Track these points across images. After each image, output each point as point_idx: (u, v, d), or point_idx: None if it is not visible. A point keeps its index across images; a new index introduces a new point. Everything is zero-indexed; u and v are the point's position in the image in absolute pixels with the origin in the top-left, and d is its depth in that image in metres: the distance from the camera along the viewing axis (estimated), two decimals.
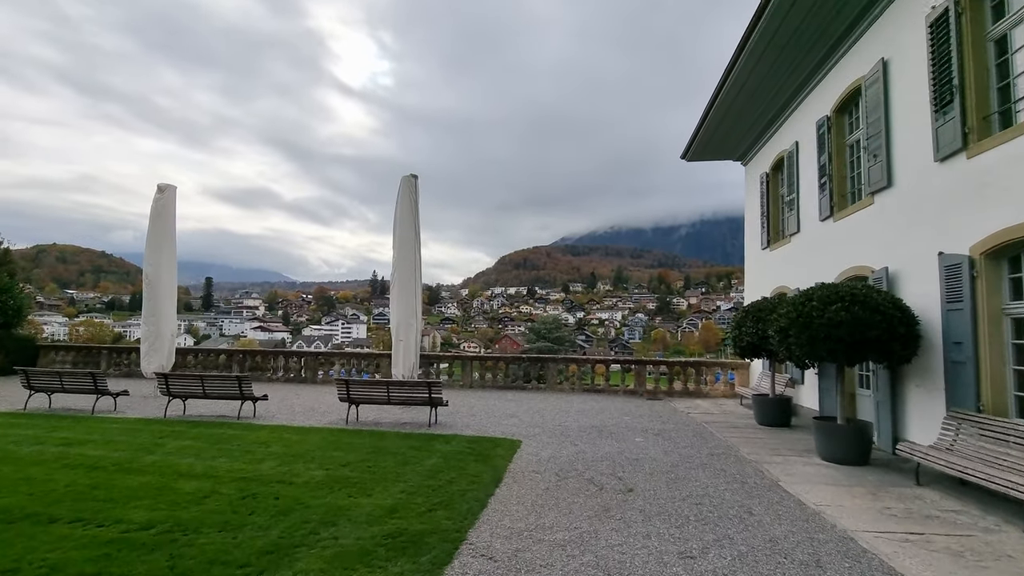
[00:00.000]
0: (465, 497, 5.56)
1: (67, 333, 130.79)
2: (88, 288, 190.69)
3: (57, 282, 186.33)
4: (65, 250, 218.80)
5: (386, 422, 10.20)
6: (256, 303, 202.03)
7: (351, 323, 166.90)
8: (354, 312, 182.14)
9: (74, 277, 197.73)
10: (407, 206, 12.70)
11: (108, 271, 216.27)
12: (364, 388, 9.92)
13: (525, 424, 10.32)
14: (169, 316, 14.16)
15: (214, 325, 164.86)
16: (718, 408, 13.33)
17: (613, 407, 13.01)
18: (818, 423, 8.10)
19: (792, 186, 12.34)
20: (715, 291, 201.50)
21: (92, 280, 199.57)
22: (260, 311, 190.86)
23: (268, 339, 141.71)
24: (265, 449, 7.48)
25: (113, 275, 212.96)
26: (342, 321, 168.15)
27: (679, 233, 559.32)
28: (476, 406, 12.69)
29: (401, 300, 12.55)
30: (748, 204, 16.06)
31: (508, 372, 16.63)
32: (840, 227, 10.14)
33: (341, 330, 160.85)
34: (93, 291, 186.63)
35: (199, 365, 18.38)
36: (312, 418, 10.48)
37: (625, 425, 10.46)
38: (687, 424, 10.79)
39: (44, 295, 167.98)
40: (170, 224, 14.38)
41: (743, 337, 10.91)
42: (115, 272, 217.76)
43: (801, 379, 11.88)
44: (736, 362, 16.06)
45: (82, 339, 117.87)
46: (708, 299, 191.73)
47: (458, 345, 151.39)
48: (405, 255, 12.59)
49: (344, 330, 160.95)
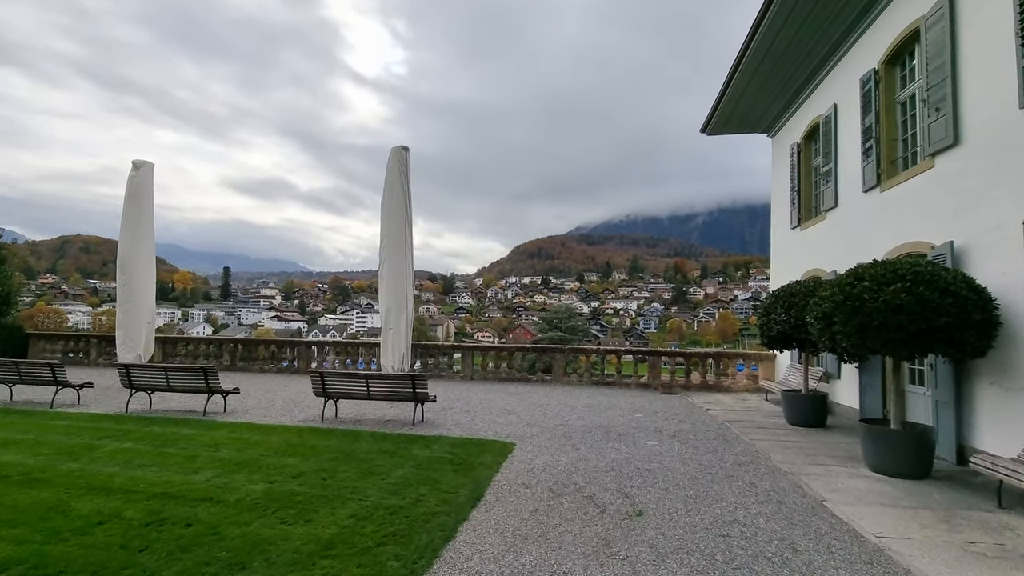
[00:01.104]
0: (429, 524, 4.41)
1: (91, 322, 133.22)
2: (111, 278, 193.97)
3: (81, 272, 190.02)
4: (89, 241, 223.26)
5: (368, 419, 9.11)
6: (273, 292, 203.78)
7: (366, 312, 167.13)
8: (369, 301, 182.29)
9: (97, 267, 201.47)
10: (397, 180, 11.50)
11: None
12: (341, 382, 8.82)
13: (523, 422, 9.15)
14: (146, 303, 13.19)
15: (232, 314, 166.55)
16: (740, 404, 12.02)
17: (624, 402, 11.78)
18: (867, 428, 6.78)
19: (829, 155, 10.88)
20: (733, 280, 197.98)
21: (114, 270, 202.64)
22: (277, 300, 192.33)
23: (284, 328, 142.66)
24: (211, 454, 6.41)
25: None
26: (357, 310, 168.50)
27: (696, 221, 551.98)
28: (473, 400, 11.55)
29: (391, 283, 11.40)
30: (776, 179, 14.59)
31: (512, 363, 15.46)
32: (889, 198, 8.73)
33: (356, 319, 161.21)
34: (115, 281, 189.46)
35: (188, 355, 17.54)
36: (287, 414, 9.44)
37: (636, 424, 9.23)
38: (707, 424, 9.53)
39: (68, 285, 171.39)
40: (147, 204, 13.38)
41: (772, 326, 9.57)
42: None
43: (837, 373, 10.52)
44: (760, 353, 14.69)
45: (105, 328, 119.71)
46: (725, 288, 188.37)
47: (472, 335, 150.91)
48: (395, 233, 11.42)
49: (359, 319, 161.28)
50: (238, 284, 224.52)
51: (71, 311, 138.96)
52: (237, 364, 16.92)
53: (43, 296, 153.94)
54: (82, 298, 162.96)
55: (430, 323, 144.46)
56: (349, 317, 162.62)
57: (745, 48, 11.26)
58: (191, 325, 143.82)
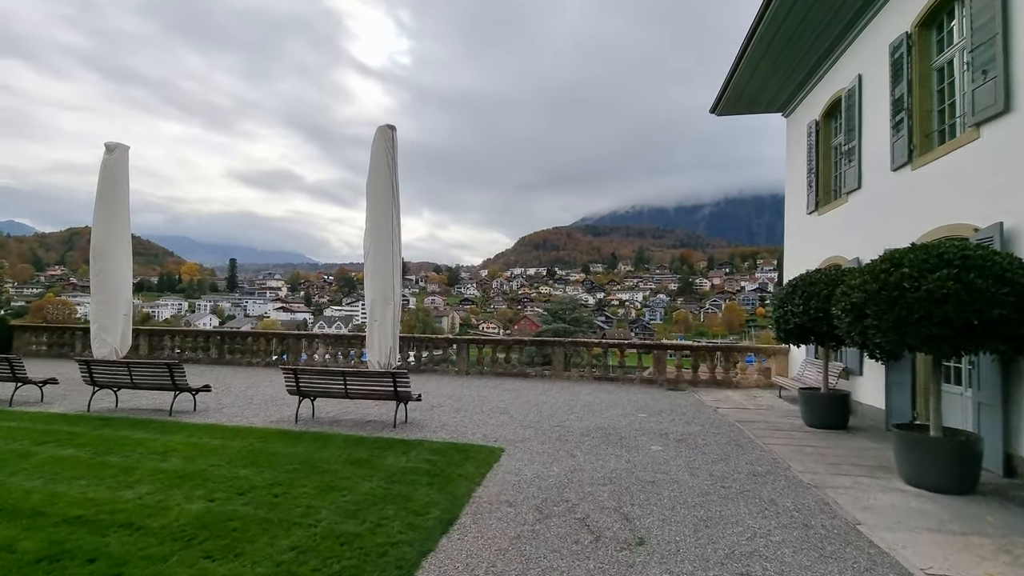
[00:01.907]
0: (385, 559, 3.65)
1: None
2: None
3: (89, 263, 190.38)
4: None
5: (346, 420, 8.37)
6: (279, 284, 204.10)
7: None
8: None
9: None
10: (383, 161, 10.69)
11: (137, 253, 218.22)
12: (317, 379, 8.07)
13: (516, 423, 8.39)
14: (122, 293, 12.47)
15: (238, 306, 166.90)
16: (752, 402, 11.21)
17: (627, 400, 10.99)
18: (902, 435, 5.96)
19: (852, 132, 9.97)
20: (739, 271, 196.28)
21: None
22: (283, 292, 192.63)
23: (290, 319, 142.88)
24: (156, 464, 5.68)
25: (141, 257, 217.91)
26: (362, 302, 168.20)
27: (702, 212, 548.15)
28: (465, 398, 10.80)
29: (376, 272, 10.62)
30: (790, 162, 13.67)
31: (509, 357, 14.69)
32: (922, 176, 7.84)
33: (360, 311, 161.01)
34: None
35: (177, 348, 16.89)
36: (261, 413, 8.72)
37: (640, 426, 8.44)
38: (717, 425, 8.73)
39: (77, 277, 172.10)
40: (122, 188, 12.61)
41: (788, 318, 8.73)
42: (143, 254, 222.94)
43: (859, 369, 9.69)
44: (772, 347, 13.85)
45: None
46: (732, 280, 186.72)
47: (477, 326, 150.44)
48: (380, 219, 10.63)
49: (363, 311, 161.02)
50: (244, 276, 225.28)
51: (79, 302, 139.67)
52: (225, 358, 16.26)
53: (52, 288, 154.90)
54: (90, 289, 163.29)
55: (435, 314, 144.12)
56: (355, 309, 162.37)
57: (759, 18, 10.33)
58: (198, 316, 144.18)
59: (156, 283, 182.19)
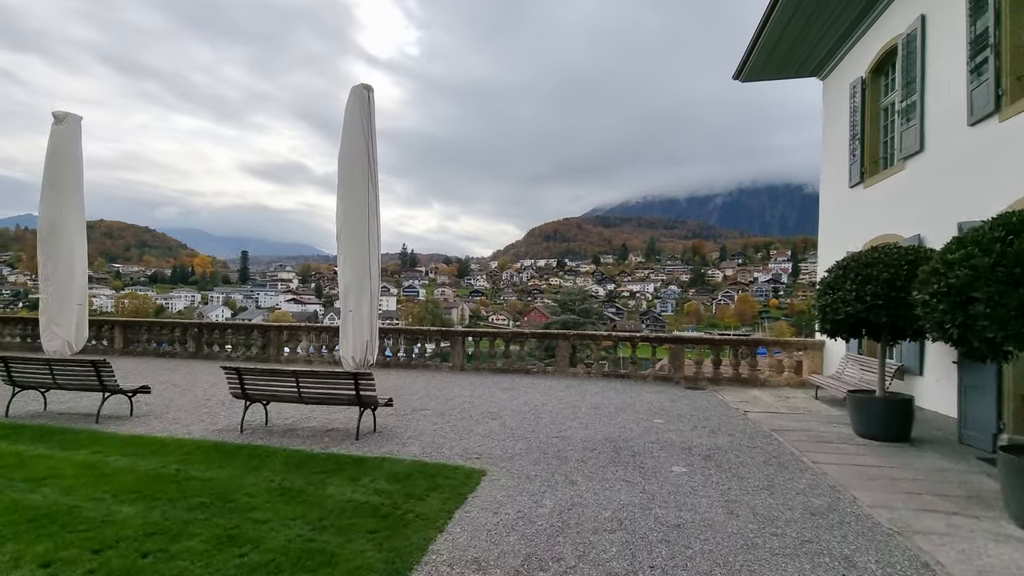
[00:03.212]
0: None
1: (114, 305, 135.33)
2: (133, 262, 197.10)
3: (105, 256, 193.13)
4: (112, 226, 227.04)
5: (304, 428, 7.00)
6: (290, 276, 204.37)
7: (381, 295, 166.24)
8: (384, 284, 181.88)
9: (120, 252, 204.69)
10: (357, 126, 9.25)
11: (152, 246, 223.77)
12: (264, 380, 6.69)
13: (507, 433, 6.97)
14: (75, 280, 11.19)
15: (250, 297, 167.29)
16: (784, 404, 9.69)
17: (640, 401, 9.52)
18: (1017, 462, 4.43)
19: (912, 85, 8.35)
20: (752, 262, 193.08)
21: (137, 255, 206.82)
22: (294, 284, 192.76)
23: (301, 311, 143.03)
24: (20, 495, 4.32)
25: (156, 249, 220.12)
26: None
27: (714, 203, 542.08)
28: (453, 399, 9.40)
29: (350, 255, 9.23)
30: (827, 130, 12.03)
31: (509, 352, 13.25)
32: (1017, 127, 6.24)
33: None
34: (138, 265, 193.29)
35: (152, 341, 15.68)
36: (206, 420, 7.38)
37: (657, 436, 6.97)
38: (750, 435, 7.24)
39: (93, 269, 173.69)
40: (73, 164, 11.27)
41: (838, 307, 7.17)
42: (158, 247, 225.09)
43: (918, 368, 8.14)
44: (804, 340, 12.29)
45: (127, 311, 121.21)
46: (745, 271, 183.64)
47: (486, 317, 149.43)
48: (355, 193, 9.21)
49: None
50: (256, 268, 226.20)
51: (95, 295, 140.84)
52: (203, 351, 15.01)
53: None
54: (106, 282, 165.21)
55: (445, 306, 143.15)
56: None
57: None
58: (210, 308, 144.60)
59: (170, 275, 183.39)
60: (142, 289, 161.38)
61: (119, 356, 15.12)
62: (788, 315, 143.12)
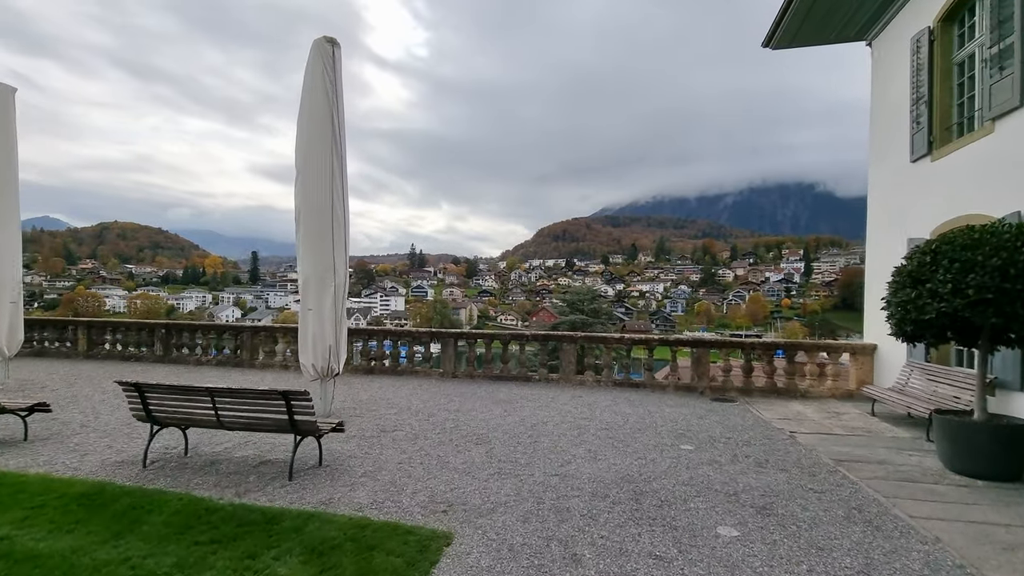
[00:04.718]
0: None
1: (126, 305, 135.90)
2: (146, 263, 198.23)
3: (119, 257, 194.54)
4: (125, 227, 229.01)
5: (232, 461, 5.42)
6: None
7: (389, 295, 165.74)
8: (393, 285, 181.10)
9: (133, 253, 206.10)
10: (319, 86, 7.68)
11: (164, 247, 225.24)
12: (173, 399, 5.11)
13: (492, 468, 5.35)
14: (6, 276, 9.76)
15: (260, 298, 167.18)
16: (836, 422, 7.99)
17: (660, 419, 7.86)
18: None
19: (1007, 24, 6.63)
20: (764, 262, 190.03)
21: (150, 255, 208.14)
22: None
23: None
24: None
25: (168, 251, 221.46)
26: (380, 293, 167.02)
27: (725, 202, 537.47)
28: (436, 415, 7.80)
29: (311, 241, 7.67)
30: (877, 100, 10.31)
31: (507, 356, 11.62)
32: None
33: (379, 302, 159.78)
34: (150, 266, 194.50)
35: (118, 343, 14.24)
36: (117, 447, 5.83)
37: (688, 473, 5.32)
38: (808, 469, 5.56)
39: (107, 270, 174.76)
40: (7, 140, 9.85)
41: (925, 304, 5.48)
42: (170, 248, 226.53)
43: (1018, 383, 6.42)
44: (850, 344, 10.57)
45: (139, 311, 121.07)
46: (756, 270, 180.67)
47: (495, 318, 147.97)
48: (317, 167, 7.66)
49: (382, 302, 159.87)
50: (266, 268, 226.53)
51: (108, 295, 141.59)
52: (171, 354, 13.55)
53: (82, 281, 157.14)
54: (119, 282, 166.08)
55: (453, 306, 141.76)
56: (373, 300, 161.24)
57: None
58: (221, 308, 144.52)
59: (181, 276, 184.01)
60: (154, 289, 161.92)
61: (82, 360, 13.74)
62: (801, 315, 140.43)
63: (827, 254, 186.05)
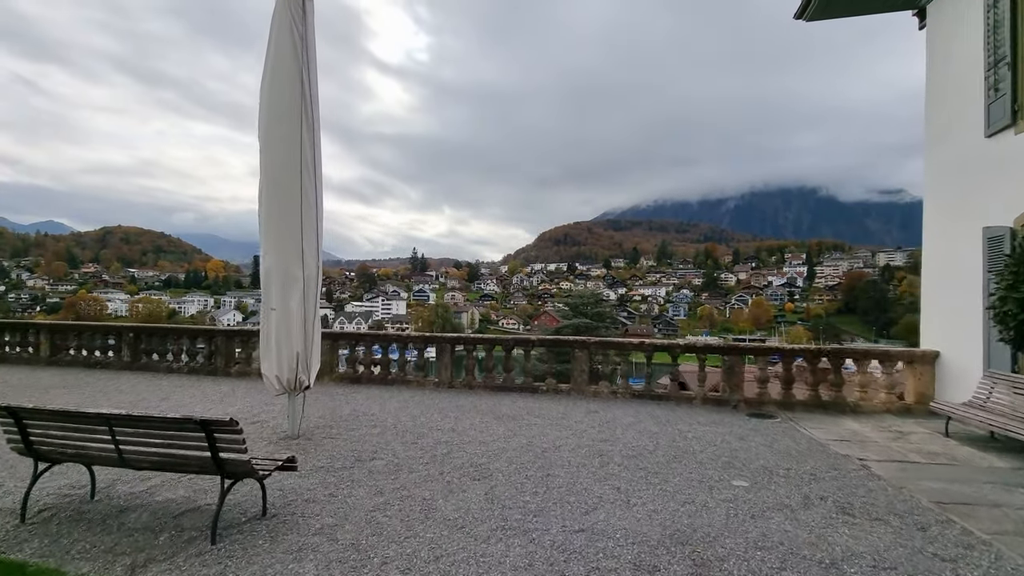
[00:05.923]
0: None
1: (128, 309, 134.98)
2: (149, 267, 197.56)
3: (121, 261, 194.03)
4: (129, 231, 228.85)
5: (150, 505, 4.10)
6: None
7: (391, 299, 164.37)
8: (395, 289, 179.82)
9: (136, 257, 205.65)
10: (287, 39, 6.38)
11: (167, 251, 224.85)
12: (59, 429, 3.78)
13: (493, 521, 4.01)
14: None
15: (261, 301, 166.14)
16: (906, 444, 6.64)
17: (695, 441, 6.51)
18: None
19: None
20: (766, 266, 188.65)
21: (152, 259, 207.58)
22: None
23: None
24: None
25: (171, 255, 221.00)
26: (382, 297, 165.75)
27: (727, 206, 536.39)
28: (426, 437, 6.45)
29: (273, 227, 6.35)
30: (934, 71, 9.00)
31: (509, 364, 10.26)
32: None
33: (381, 306, 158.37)
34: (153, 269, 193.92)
35: (83, 349, 12.94)
36: (6, 486, 4.51)
37: (757, 530, 3.98)
38: (910, 517, 4.21)
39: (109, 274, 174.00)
40: None
41: None
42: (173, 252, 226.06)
43: None
44: (908, 351, 9.22)
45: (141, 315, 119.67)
46: (759, 274, 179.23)
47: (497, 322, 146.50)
48: (281, 137, 6.35)
49: (384, 306, 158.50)
50: None
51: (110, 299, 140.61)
52: (140, 361, 12.25)
53: (85, 284, 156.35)
54: (121, 286, 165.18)
55: (455, 310, 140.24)
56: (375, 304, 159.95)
57: None
58: (222, 312, 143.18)
59: (183, 280, 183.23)
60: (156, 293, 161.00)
61: (44, 366, 12.48)
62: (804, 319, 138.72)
63: (830, 258, 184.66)
